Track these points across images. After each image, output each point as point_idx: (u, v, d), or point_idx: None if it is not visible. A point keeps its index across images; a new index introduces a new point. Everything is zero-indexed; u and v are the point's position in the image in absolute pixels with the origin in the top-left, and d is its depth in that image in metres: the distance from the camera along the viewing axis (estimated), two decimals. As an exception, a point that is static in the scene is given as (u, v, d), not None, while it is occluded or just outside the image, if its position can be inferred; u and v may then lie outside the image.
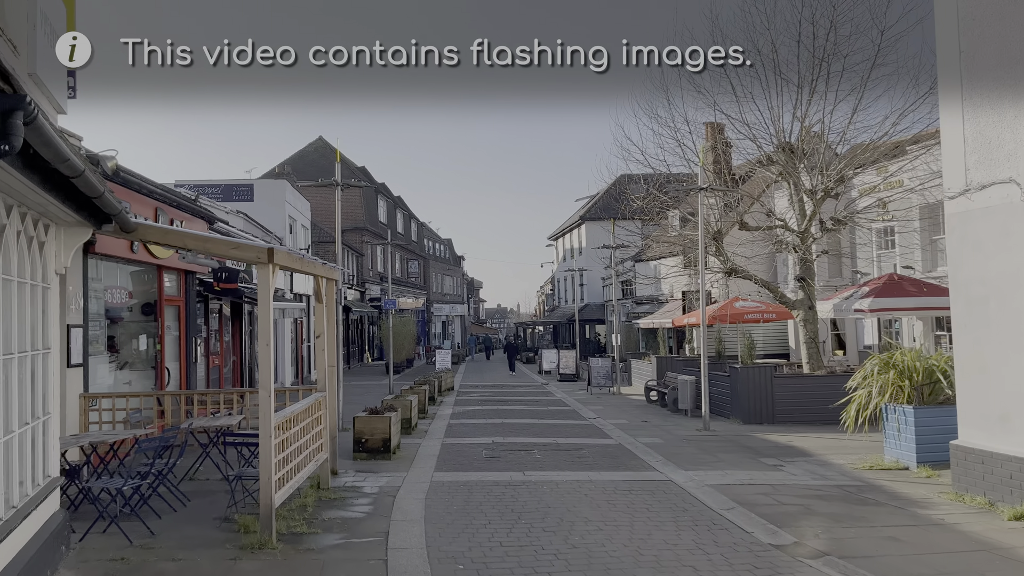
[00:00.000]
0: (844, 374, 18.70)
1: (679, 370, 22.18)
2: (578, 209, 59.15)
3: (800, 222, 20.08)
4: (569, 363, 32.94)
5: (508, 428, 16.39)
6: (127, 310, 13.84)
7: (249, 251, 7.23)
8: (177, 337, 15.44)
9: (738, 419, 17.44)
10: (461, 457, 12.65)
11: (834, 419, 17.08)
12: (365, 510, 8.89)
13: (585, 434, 15.66)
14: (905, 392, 11.47)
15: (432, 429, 16.13)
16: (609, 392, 25.89)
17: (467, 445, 13.92)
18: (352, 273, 44.85)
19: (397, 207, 58.24)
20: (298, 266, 8.18)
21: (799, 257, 20.27)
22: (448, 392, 25.68)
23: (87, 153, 10.62)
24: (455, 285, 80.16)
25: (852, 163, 19.23)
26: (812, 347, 20.09)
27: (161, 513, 8.37)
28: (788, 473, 11.13)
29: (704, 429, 16.07)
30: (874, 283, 20.68)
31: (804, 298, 20.22)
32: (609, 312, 49.00)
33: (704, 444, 14.08)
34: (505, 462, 12.12)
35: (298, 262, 8.18)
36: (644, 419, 18.27)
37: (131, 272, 13.76)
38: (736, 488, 10.03)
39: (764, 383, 17.44)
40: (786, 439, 14.55)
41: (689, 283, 32.42)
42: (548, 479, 10.67)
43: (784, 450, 13.29)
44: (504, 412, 19.67)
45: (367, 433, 12.35)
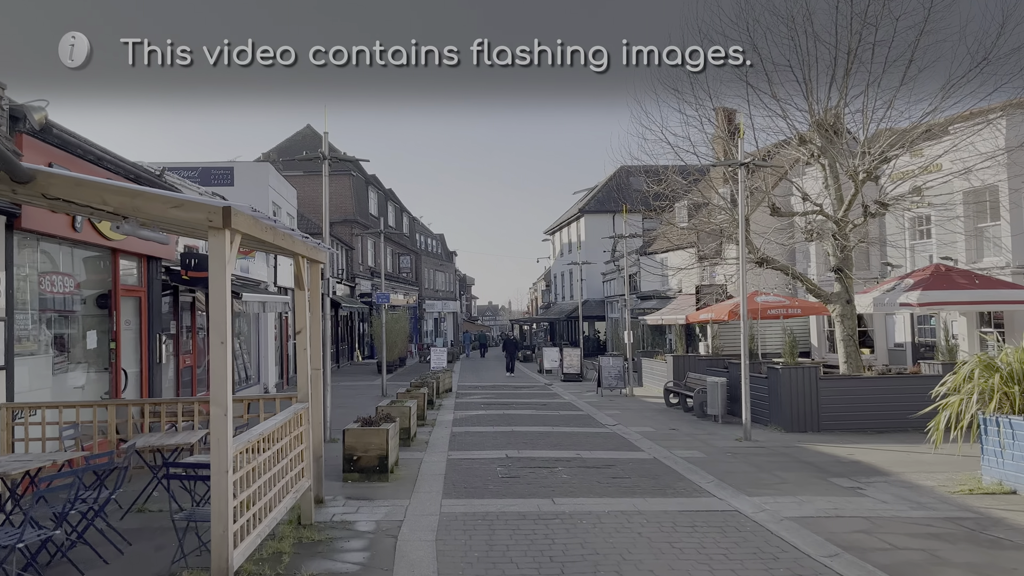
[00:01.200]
0: (898, 376, 16.76)
1: (702, 370, 20.18)
2: (576, 202, 57.08)
3: (836, 207, 18.09)
4: (573, 362, 30.87)
5: (521, 438, 14.32)
6: (80, 302, 11.70)
7: (196, 210, 5.13)
8: (137, 334, 13.29)
9: (778, 426, 15.43)
10: (472, 477, 10.56)
11: (889, 427, 15.20)
12: (359, 558, 6.79)
13: (611, 445, 13.61)
14: (1014, 401, 9.46)
15: (434, 440, 14.04)
16: (620, 394, 23.85)
17: (477, 461, 11.83)
18: (342, 267, 42.62)
19: (388, 200, 56.00)
20: (269, 237, 6.08)
21: (836, 246, 18.22)
22: (446, 394, 23.57)
23: (10, 104, 8.48)
24: (447, 281, 77.99)
25: (901, 140, 17.19)
26: (851, 345, 18.09)
27: (87, 566, 6.26)
28: (875, 499, 9.10)
29: (745, 439, 14.05)
30: (919, 275, 18.75)
31: (841, 291, 18.20)
32: (612, 308, 46.99)
33: (753, 458, 12.05)
34: (526, 484, 10.04)
35: (268, 232, 6.07)
36: (671, 426, 16.22)
37: (80, 256, 11.61)
38: (824, 523, 8.00)
39: (808, 386, 15.44)
40: (845, 452, 12.55)
41: (703, 276, 30.46)
42: (585, 509, 8.60)
43: (851, 467, 11.27)
44: (512, 418, 17.59)
45: (360, 449, 10.24)
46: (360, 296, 44.03)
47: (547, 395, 24.22)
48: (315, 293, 8.93)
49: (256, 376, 22.92)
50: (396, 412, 12.67)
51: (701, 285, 29.37)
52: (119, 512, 8.03)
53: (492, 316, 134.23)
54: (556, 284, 62.00)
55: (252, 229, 5.57)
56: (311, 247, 7.97)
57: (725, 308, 23.02)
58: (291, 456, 7.37)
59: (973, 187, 18.83)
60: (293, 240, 7.15)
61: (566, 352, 31.66)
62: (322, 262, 8.63)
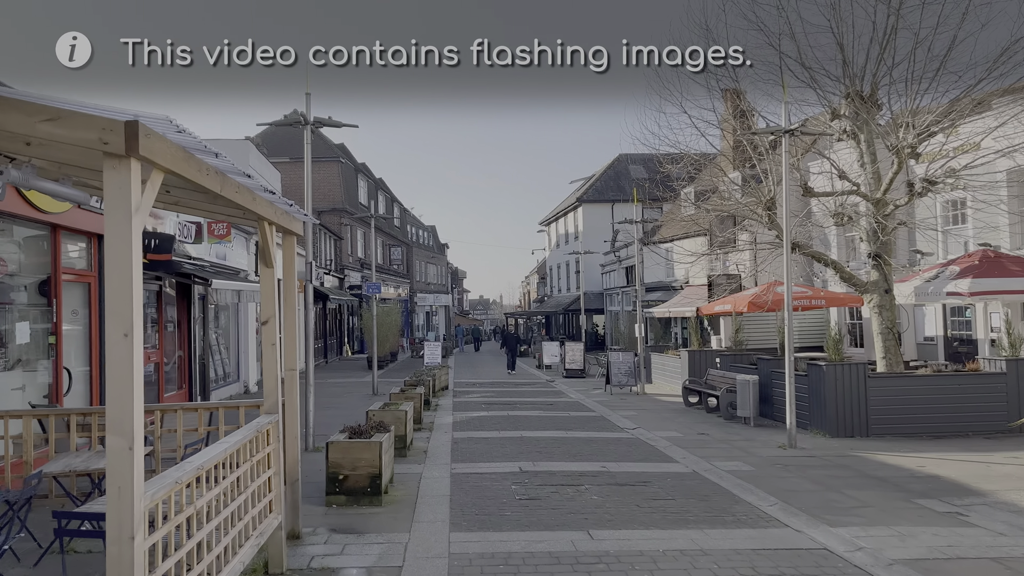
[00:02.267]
0: (955, 374, 14.97)
1: (725, 366, 18.40)
2: (574, 191, 55.19)
3: (873, 187, 16.31)
4: (576, 357, 29.03)
5: (533, 446, 12.48)
6: (14, 289, 9.78)
7: (83, 127, 3.23)
8: (86, 327, 11.37)
9: (821, 431, 13.67)
10: (484, 499, 8.71)
11: (946, 431, 13.42)
12: (343, 631, 4.94)
13: (638, 455, 11.79)
14: None
15: (434, 448, 12.18)
16: (631, 392, 22.04)
17: (487, 476, 9.98)
18: (330, 258, 40.65)
19: (379, 189, 53.95)
20: (212, 184, 4.17)
21: (874, 229, 16.40)
22: (443, 392, 21.71)
23: None
24: (439, 274, 76.03)
25: (951, 111, 15.37)
26: (890, 339, 16.29)
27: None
28: (989, 531, 7.31)
29: (789, 446, 12.28)
30: (964, 261, 17.00)
31: (879, 279, 16.39)
32: (612, 301, 45.15)
33: (810, 472, 10.26)
34: (551, 509, 8.20)
35: (209, 174, 4.15)
36: (698, 430, 14.42)
37: (9, 235, 9.68)
38: (947, 568, 6.20)
39: (855, 385, 13.67)
40: (913, 463, 10.77)
41: (714, 267, 28.68)
42: (633, 547, 6.77)
43: (932, 484, 9.49)
44: (518, 420, 15.75)
45: (347, 466, 8.37)
46: (349, 288, 42.08)
47: (552, 393, 22.39)
48: (289, 272, 7.05)
49: (236, 373, 20.99)
50: (390, 418, 10.82)
51: (713, 275, 27.61)
52: (35, 554, 6.15)
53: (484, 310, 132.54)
54: (552, 276, 60.12)
55: (179, 164, 3.67)
56: (281, 211, 6.08)
57: (744, 299, 21.21)
58: (253, 488, 5.51)
59: (1019, 165, 17.10)
60: (254, 197, 5.26)
61: (568, 347, 29.82)
62: (298, 232, 6.76)
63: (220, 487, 4.80)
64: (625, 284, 40.85)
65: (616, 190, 49.04)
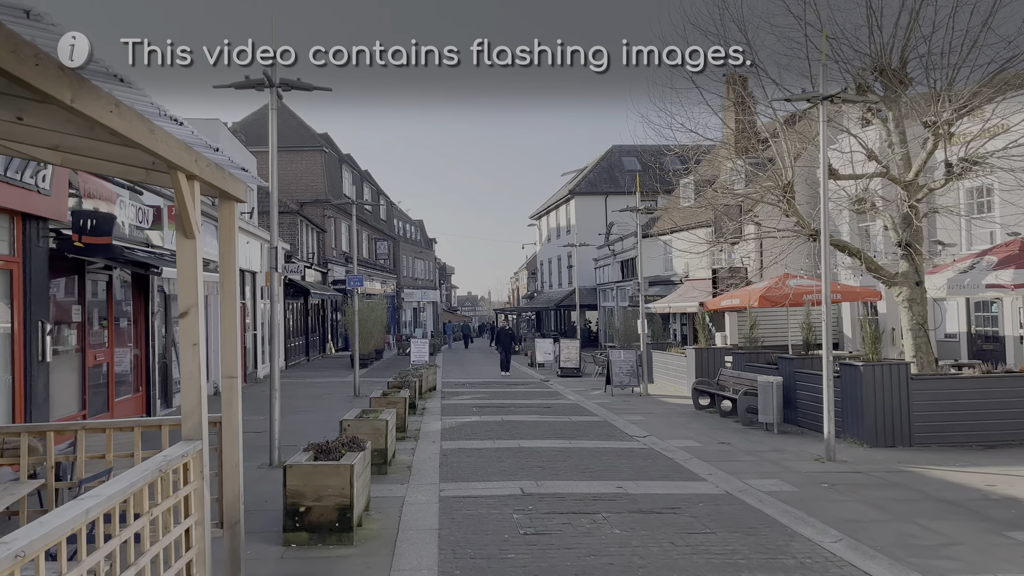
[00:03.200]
0: (1007, 375, 13.43)
1: (739, 366, 16.83)
2: (565, 183, 53.51)
3: (903, 169, 14.80)
4: (571, 355, 27.39)
5: (533, 458, 10.84)
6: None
7: None
8: (9, 322, 9.63)
9: (857, 439, 12.13)
10: (481, 534, 7.06)
11: (998, 439, 11.82)
12: None
13: (657, 471, 10.17)
14: None
15: (419, 463, 10.51)
16: (633, 393, 20.46)
17: (483, 501, 8.33)
18: (312, 251, 38.86)
19: (365, 181, 52.12)
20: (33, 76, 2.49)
21: (905, 215, 14.85)
22: (430, 394, 20.03)
23: None
24: (427, 269, 74.25)
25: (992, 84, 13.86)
26: (921, 335, 14.76)
27: None
28: (1125, 580, 5.75)
29: (829, 459, 10.72)
30: (1001, 251, 15.48)
31: (910, 270, 14.84)
32: (606, 296, 43.55)
33: (866, 493, 8.68)
34: (564, 550, 6.57)
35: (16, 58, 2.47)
36: (718, 439, 12.83)
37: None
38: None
39: (896, 388, 12.11)
40: (980, 480, 9.22)
41: (715, 259, 27.12)
42: (679, 610, 5.15)
43: (1015, 508, 7.93)
44: (515, 427, 14.11)
45: (310, 496, 6.69)
46: (333, 283, 40.25)
47: (548, 394, 20.76)
48: (228, 250, 5.36)
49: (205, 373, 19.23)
50: (367, 430, 9.14)
51: (718, 268, 26.06)
52: None
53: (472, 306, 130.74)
54: (543, 271, 58.45)
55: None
56: (207, 161, 4.39)
57: (755, 292, 19.64)
58: (156, 550, 3.83)
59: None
60: (151, 128, 3.56)
61: (563, 344, 28.18)
62: (238, 197, 5.08)
63: (93, 559, 3.13)
64: (620, 278, 39.25)
65: (609, 182, 47.45)
